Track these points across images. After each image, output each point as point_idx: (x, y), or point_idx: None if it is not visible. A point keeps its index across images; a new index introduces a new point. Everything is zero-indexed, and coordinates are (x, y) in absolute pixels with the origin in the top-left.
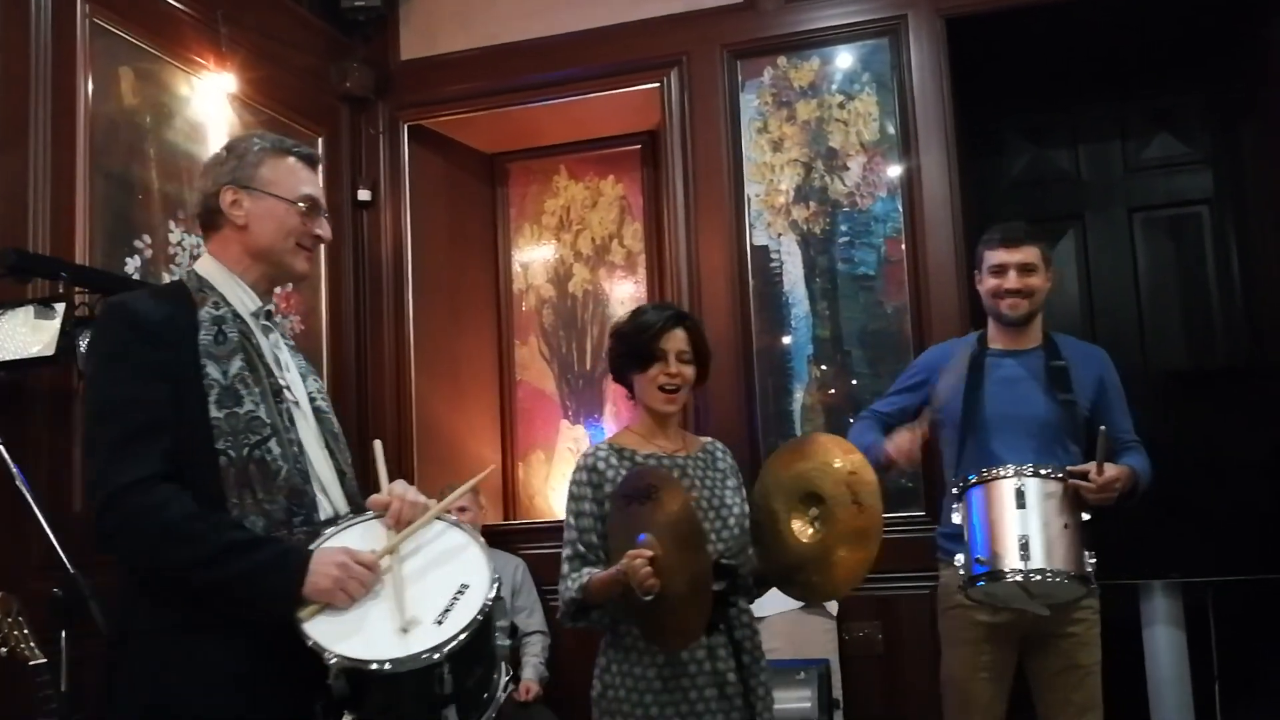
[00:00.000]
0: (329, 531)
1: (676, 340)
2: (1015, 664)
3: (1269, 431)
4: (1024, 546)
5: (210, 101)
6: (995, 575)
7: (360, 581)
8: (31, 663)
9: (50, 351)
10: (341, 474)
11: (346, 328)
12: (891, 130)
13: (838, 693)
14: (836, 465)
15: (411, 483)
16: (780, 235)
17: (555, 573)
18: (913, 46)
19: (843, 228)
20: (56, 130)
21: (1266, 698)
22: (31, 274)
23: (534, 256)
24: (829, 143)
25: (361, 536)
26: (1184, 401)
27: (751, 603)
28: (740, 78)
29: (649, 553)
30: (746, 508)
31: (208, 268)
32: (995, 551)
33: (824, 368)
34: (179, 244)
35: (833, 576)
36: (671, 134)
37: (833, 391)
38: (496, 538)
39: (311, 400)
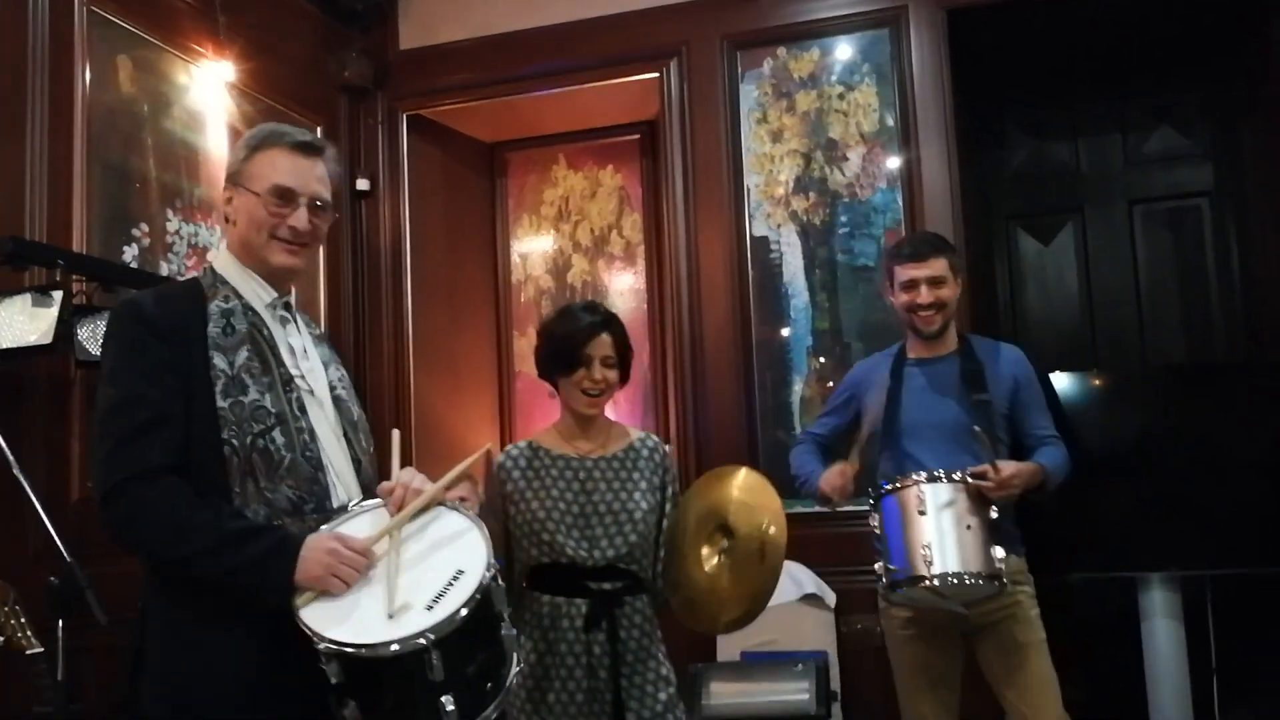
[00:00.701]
0: (338, 519)
1: (602, 346)
2: (962, 654)
3: (1267, 426)
4: (927, 552)
5: (208, 91)
6: (907, 581)
7: (353, 567)
8: (28, 651)
9: (48, 340)
10: (357, 462)
11: (345, 318)
12: (891, 122)
13: (836, 685)
14: (760, 516)
15: None
16: (780, 226)
17: None
18: (913, 38)
19: (842, 219)
20: (54, 119)
21: (1264, 691)
22: (29, 262)
23: (533, 247)
24: (829, 134)
25: (370, 523)
26: (1182, 395)
27: (660, 605)
28: (740, 68)
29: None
30: (669, 508)
31: (222, 262)
32: (906, 559)
33: (823, 360)
34: (176, 233)
35: (712, 612)
36: (671, 124)
37: (831, 384)
38: None
39: (331, 389)
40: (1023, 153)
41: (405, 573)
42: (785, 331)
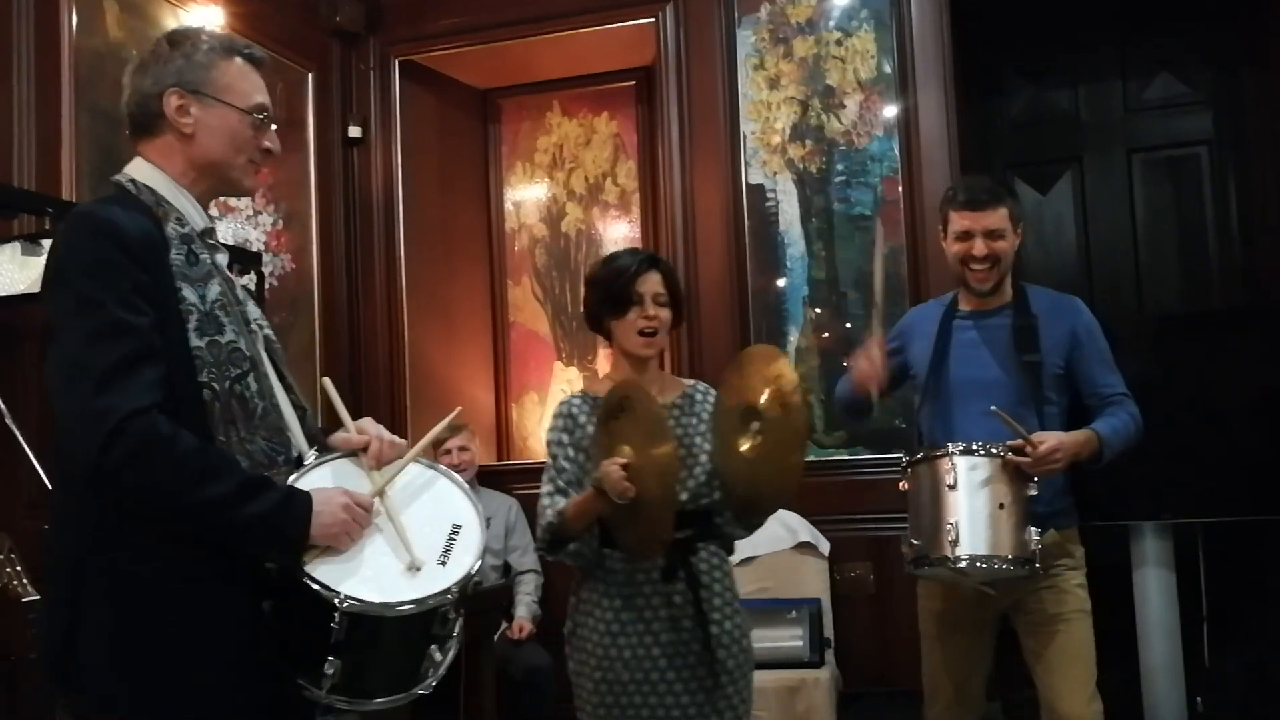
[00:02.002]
0: (298, 472)
1: (652, 283)
2: (998, 620)
3: (1262, 374)
4: (954, 530)
5: None
6: (929, 562)
7: (360, 524)
8: (24, 599)
9: (38, 288)
10: (301, 410)
11: (338, 267)
12: (889, 69)
13: (829, 632)
14: (762, 375)
15: (405, 424)
16: (776, 174)
17: None
18: None
19: (839, 167)
20: (40, 65)
21: (1253, 638)
22: (17, 210)
23: (526, 195)
24: (826, 80)
25: (332, 476)
26: (1178, 344)
27: (730, 551)
28: (737, 13)
29: (623, 460)
30: None
31: (151, 177)
32: (930, 536)
33: (819, 310)
34: None
35: (770, 482)
36: (666, 70)
37: (827, 335)
38: (490, 478)
39: (260, 328)
40: (1022, 100)
41: (409, 529)
42: (781, 281)
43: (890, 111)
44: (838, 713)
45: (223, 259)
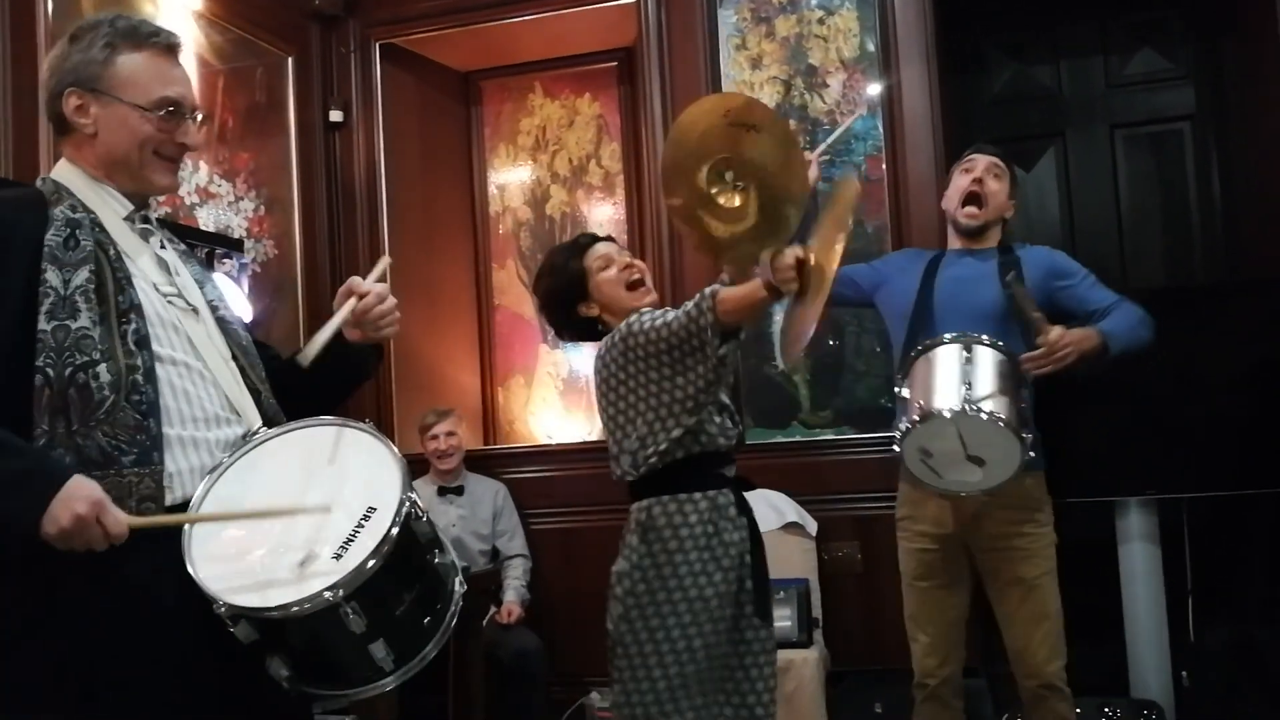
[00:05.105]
0: (240, 450)
1: (605, 246)
2: (971, 574)
3: (1246, 349)
4: (965, 387)
5: (175, 20)
6: (930, 414)
7: (94, 543)
8: None
9: None
10: (255, 391)
11: (321, 252)
12: (871, 47)
13: (817, 612)
14: (710, 118)
15: (391, 410)
16: None
17: (537, 497)
18: None
19: (823, 146)
20: (16, 51)
21: (1238, 611)
22: None
23: (510, 178)
24: (809, 60)
25: (280, 455)
26: (1162, 318)
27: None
28: None
29: (799, 253)
30: None
31: (66, 174)
32: (934, 392)
33: None
34: None
35: (787, 197)
36: (649, 51)
37: None
38: (477, 462)
39: (214, 309)
40: (1004, 76)
41: (313, 513)
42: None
43: (873, 90)
44: (826, 691)
45: (159, 239)
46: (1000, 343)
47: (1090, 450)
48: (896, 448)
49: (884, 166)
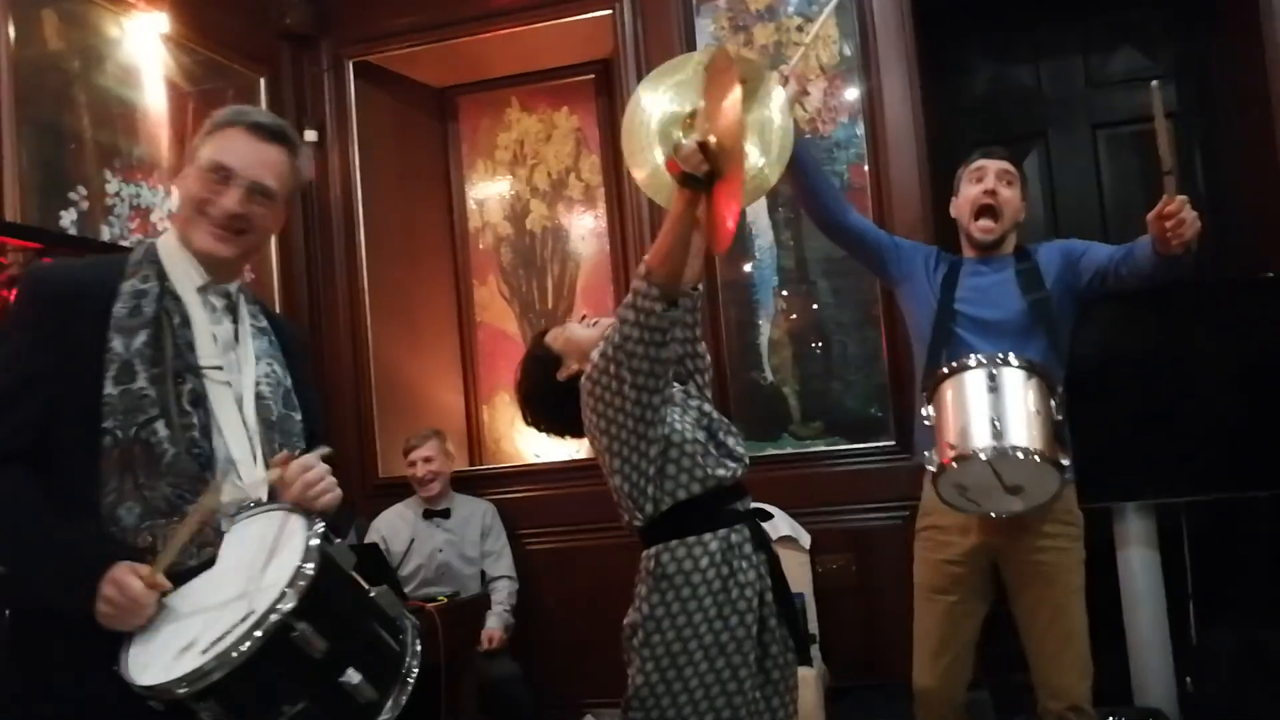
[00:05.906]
0: (239, 517)
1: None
2: (991, 591)
3: (1233, 346)
4: (996, 424)
5: (143, 43)
6: (965, 457)
7: (123, 612)
8: None
9: None
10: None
11: (298, 275)
12: (850, 53)
13: (813, 627)
14: (677, 78)
15: (373, 431)
16: None
17: (527, 516)
18: None
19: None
20: None
21: (1240, 614)
22: None
23: (489, 193)
24: None
25: (261, 527)
26: (1149, 317)
27: None
28: (695, 1)
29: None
30: None
31: (165, 239)
32: (966, 433)
33: (786, 294)
34: (117, 194)
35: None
36: (626, 62)
37: (794, 317)
38: (463, 483)
39: (256, 384)
40: (985, 77)
41: (208, 600)
42: (749, 268)
43: (853, 96)
44: (827, 710)
45: (217, 314)
46: (1026, 358)
47: (1086, 456)
48: (930, 483)
49: (866, 170)
